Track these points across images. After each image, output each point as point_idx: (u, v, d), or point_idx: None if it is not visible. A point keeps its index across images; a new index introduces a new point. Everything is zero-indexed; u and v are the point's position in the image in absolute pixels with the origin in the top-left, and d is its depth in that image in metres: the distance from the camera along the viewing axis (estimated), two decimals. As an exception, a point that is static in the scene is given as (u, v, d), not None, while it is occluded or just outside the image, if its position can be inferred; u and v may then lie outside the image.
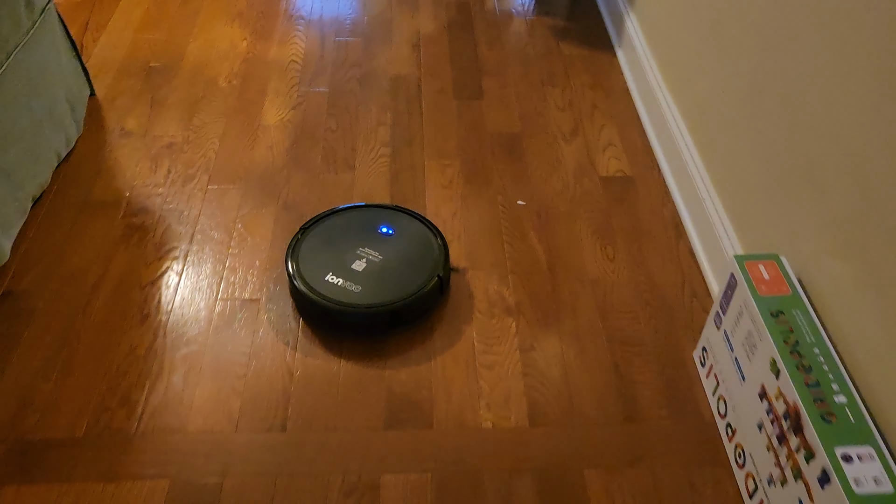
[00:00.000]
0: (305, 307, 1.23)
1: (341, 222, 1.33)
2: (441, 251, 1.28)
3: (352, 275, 1.22)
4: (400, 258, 1.26)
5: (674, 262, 1.37)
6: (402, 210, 1.37)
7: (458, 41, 1.94)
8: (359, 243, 1.28)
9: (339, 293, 1.19)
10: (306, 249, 1.27)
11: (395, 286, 1.21)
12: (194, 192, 1.49)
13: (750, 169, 1.18)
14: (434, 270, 1.24)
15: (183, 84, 1.77)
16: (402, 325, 1.23)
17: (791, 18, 1.04)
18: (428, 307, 1.25)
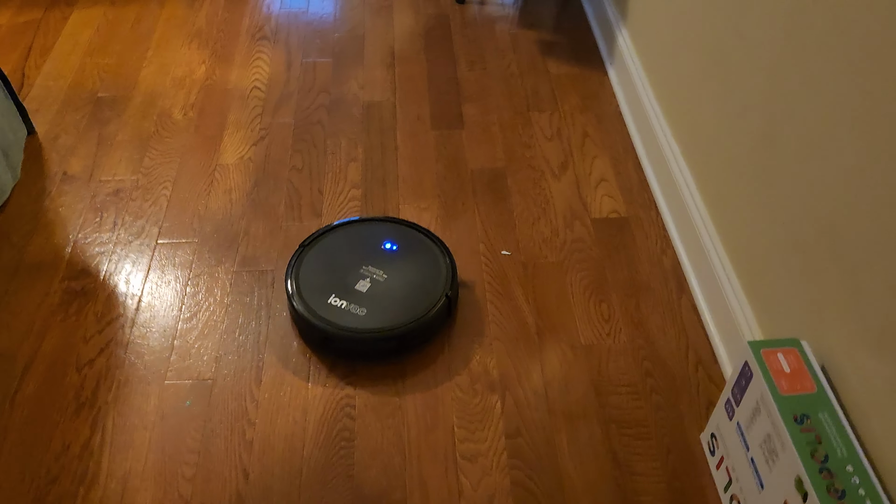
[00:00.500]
0: (307, 332, 1.16)
1: (342, 238, 1.25)
2: (448, 268, 1.21)
3: (356, 297, 1.15)
4: (406, 277, 1.19)
5: (676, 321, 1.23)
6: (404, 223, 1.29)
7: (436, 61, 1.78)
8: (362, 262, 1.20)
9: (344, 317, 1.13)
10: (307, 269, 1.20)
11: (401, 308, 1.14)
12: (143, 248, 1.34)
13: (763, 227, 1.04)
14: (442, 290, 1.17)
15: (133, 118, 1.61)
16: (410, 350, 1.17)
17: (804, 55, 0.90)
18: (436, 329, 1.18)
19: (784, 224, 0.98)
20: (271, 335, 1.20)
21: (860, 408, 0.83)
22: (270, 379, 1.15)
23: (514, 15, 1.94)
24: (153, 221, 1.39)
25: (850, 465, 0.79)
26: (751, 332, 1.07)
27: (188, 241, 1.35)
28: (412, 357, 1.17)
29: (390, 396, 1.13)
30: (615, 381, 1.15)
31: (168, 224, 1.38)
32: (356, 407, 1.11)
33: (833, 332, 0.88)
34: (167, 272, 1.30)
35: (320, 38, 1.86)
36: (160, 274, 1.29)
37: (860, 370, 0.83)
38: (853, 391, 0.84)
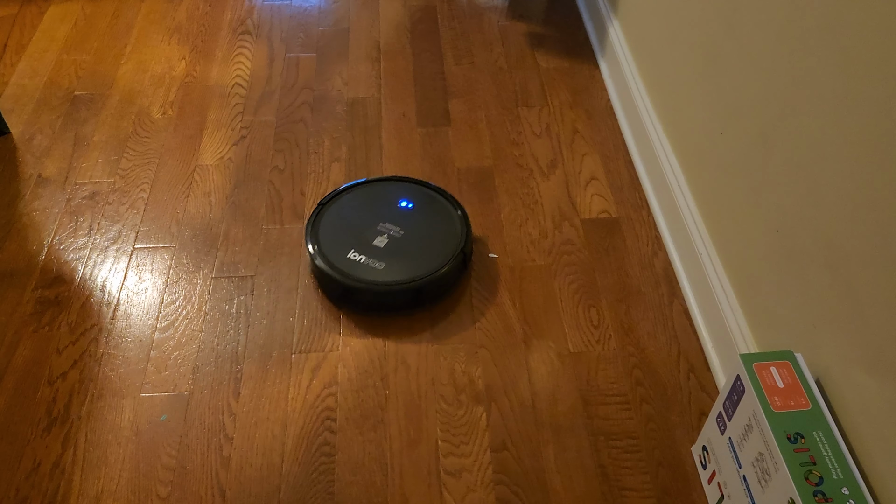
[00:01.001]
0: (328, 286, 1.20)
1: (360, 197, 1.29)
2: (462, 224, 1.25)
3: (374, 251, 1.19)
4: (422, 233, 1.23)
5: (667, 327, 1.20)
6: (419, 183, 1.32)
7: (422, 55, 1.74)
8: (379, 219, 1.25)
9: (363, 271, 1.17)
10: (326, 226, 1.24)
11: (418, 262, 1.18)
12: (119, 254, 1.30)
13: (756, 232, 1.00)
14: (457, 245, 1.21)
15: (111, 117, 1.56)
16: (427, 303, 1.20)
17: (799, 55, 0.86)
18: (452, 283, 1.23)
19: (779, 230, 0.94)
20: (250, 345, 1.17)
21: (857, 427, 0.80)
22: (249, 391, 1.11)
23: (503, 6, 1.89)
24: (130, 226, 1.34)
25: (846, 488, 0.76)
26: (744, 340, 1.04)
27: (166, 246, 1.31)
28: (397, 368, 1.14)
29: (373, 408, 1.09)
30: (604, 391, 1.12)
31: (145, 228, 1.34)
32: (337, 420, 1.08)
33: (828, 345, 0.85)
34: (144, 279, 1.26)
35: (304, 31, 1.81)
36: (137, 281, 1.26)
37: (857, 387, 0.79)
38: (850, 409, 0.81)
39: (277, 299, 1.23)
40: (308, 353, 1.16)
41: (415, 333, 1.19)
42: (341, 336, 1.18)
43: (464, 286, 1.25)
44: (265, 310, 1.22)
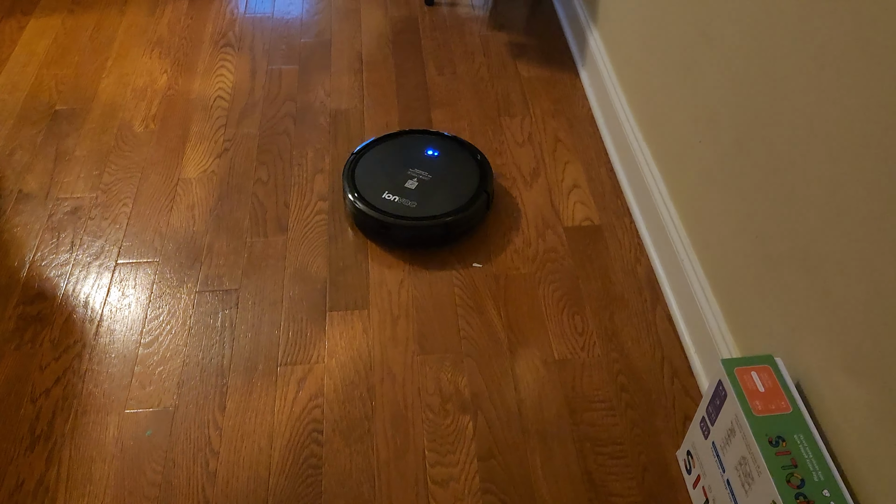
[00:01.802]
0: (366, 223, 1.31)
1: (390, 147, 1.42)
2: (485, 169, 1.37)
3: (406, 192, 1.31)
4: (448, 177, 1.35)
5: (651, 332, 1.21)
6: (442, 135, 1.45)
7: (404, 65, 1.74)
8: (409, 165, 1.37)
9: (397, 208, 1.29)
10: (361, 171, 1.36)
11: (446, 201, 1.31)
12: (102, 269, 1.29)
13: (736, 238, 1.02)
14: (481, 186, 1.34)
15: (93, 131, 1.56)
16: (455, 237, 1.32)
17: (773, 64, 0.87)
18: (477, 220, 1.34)
19: (757, 236, 0.96)
20: (236, 358, 1.17)
21: (837, 429, 0.81)
22: (235, 405, 1.11)
23: (485, 16, 1.91)
24: (113, 241, 1.34)
25: (827, 490, 0.77)
26: (726, 345, 1.05)
27: (149, 260, 1.31)
28: (382, 382, 1.14)
29: (360, 419, 1.09)
30: (590, 397, 1.12)
31: (128, 243, 1.34)
32: (324, 432, 1.08)
33: (807, 349, 0.86)
34: (127, 294, 1.25)
35: (286, 43, 1.81)
36: (120, 296, 1.25)
37: (836, 390, 0.81)
38: (829, 412, 0.82)
39: (262, 312, 1.23)
40: (294, 365, 1.16)
41: (400, 343, 1.19)
42: (327, 347, 1.18)
43: (448, 293, 1.26)
44: (250, 323, 1.22)
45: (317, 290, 1.27)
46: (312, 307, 1.24)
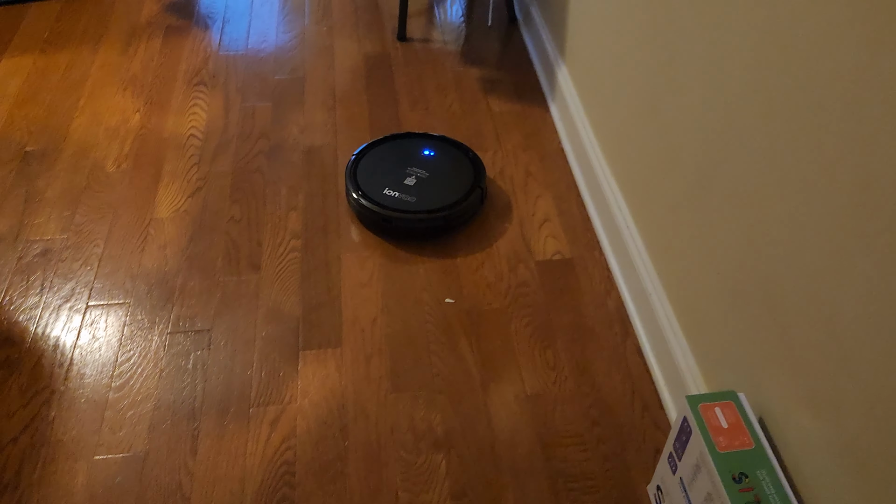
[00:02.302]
0: (369, 217, 1.40)
1: (388, 149, 1.52)
2: (478, 167, 1.48)
3: (406, 188, 1.41)
4: (444, 174, 1.46)
5: (621, 366, 1.22)
6: (436, 137, 1.56)
7: (377, 101, 1.77)
8: (407, 164, 1.47)
9: (398, 203, 1.38)
10: (362, 171, 1.46)
11: (443, 196, 1.41)
12: (72, 312, 1.29)
13: (700, 274, 1.04)
14: (475, 182, 1.45)
15: (64, 171, 1.56)
16: (452, 229, 1.42)
17: (731, 106, 0.90)
18: (472, 213, 1.45)
19: (721, 272, 0.98)
20: (208, 401, 1.16)
21: (798, 465, 0.82)
22: (206, 449, 1.10)
23: (457, 52, 1.94)
24: (83, 283, 1.33)
25: (790, 526, 0.78)
26: (693, 379, 1.07)
27: (121, 302, 1.31)
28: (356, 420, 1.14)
29: (332, 460, 1.09)
30: (562, 432, 1.13)
31: (99, 285, 1.33)
32: (296, 474, 1.08)
33: (769, 385, 0.87)
34: (98, 337, 1.25)
35: (260, 81, 1.83)
36: (90, 339, 1.24)
37: (797, 426, 0.82)
38: (791, 447, 0.84)
39: (235, 352, 1.23)
40: (266, 406, 1.16)
41: (373, 382, 1.19)
42: (300, 387, 1.18)
43: (421, 330, 1.26)
44: (222, 364, 1.21)
45: (290, 328, 1.27)
46: (285, 346, 1.24)
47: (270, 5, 2.12)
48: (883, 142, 0.65)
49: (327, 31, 2.00)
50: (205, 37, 1.98)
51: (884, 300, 0.66)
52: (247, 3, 2.13)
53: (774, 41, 0.80)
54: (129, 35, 1.97)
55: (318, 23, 2.04)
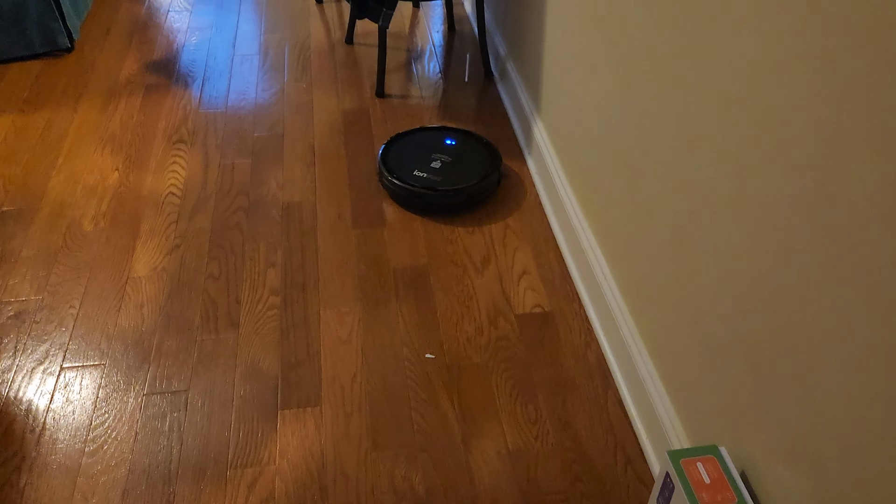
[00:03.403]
0: (400, 194, 1.61)
1: (416, 138, 1.74)
2: (495, 155, 1.68)
3: (432, 170, 1.62)
4: (465, 160, 1.67)
5: (603, 419, 1.22)
6: (457, 130, 1.77)
7: (356, 156, 1.78)
8: (432, 151, 1.69)
9: (426, 182, 1.59)
10: (393, 156, 1.67)
11: (465, 176, 1.62)
12: (46, 376, 1.26)
13: (679, 326, 1.04)
14: (492, 166, 1.65)
15: (40, 231, 1.55)
16: (472, 206, 1.63)
17: (701, 164, 0.92)
18: (490, 192, 1.65)
19: (698, 324, 0.99)
20: (184, 464, 1.14)
21: (780, 519, 0.82)
22: (182, 514, 1.08)
23: (434, 107, 1.97)
24: (58, 345, 1.31)
25: (775, 583, 0.77)
26: (675, 432, 1.06)
27: (96, 363, 1.29)
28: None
29: (311, 524, 1.07)
30: (545, 489, 1.12)
31: (74, 346, 1.31)
32: (274, 540, 1.05)
33: (750, 438, 0.87)
34: (72, 400, 1.22)
35: (239, 138, 1.84)
36: (64, 403, 1.22)
37: (778, 479, 0.82)
38: (773, 501, 0.83)
39: (212, 413, 1.21)
40: (244, 468, 1.14)
41: (353, 441, 1.18)
42: (279, 448, 1.16)
43: (402, 386, 1.25)
44: (199, 425, 1.19)
45: (268, 387, 1.26)
46: (264, 406, 1.23)
47: (250, 63, 2.15)
48: (850, 197, 0.66)
49: (306, 88, 2.03)
50: (185, 95, 2.00)
51: (856, 353, 0.67)
52: (227, 61, 2.16)
53: (744, 100, 0.83)
54: (109, 94, 1.99)
55: (298, 80, 2.07)
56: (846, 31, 0.64)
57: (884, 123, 0.61)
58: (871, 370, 0.66)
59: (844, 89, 0.65)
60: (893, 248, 0.62)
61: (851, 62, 0.64)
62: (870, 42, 0.62)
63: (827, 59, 0.67)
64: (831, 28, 0.66)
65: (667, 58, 1.00)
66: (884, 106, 0.61)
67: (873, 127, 0.62)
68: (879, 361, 0.64)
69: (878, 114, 0.62)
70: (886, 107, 0.61)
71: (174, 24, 2.36)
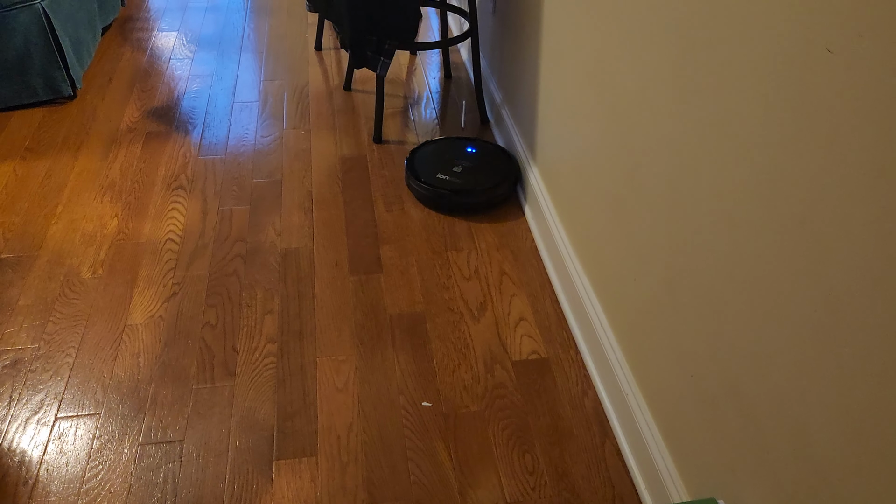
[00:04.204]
0: (425, 195, 1.75)
1: (439, 146, 1.88)
2: (513, 163, 1.82)
3: (454, 174, 1.77)
4: (483, 166, 1.81)
5: (601, 469, 1.21)
6: (477, 140, 1.91)
7: (354, 203, 1.80)
8: (455, 157, 1.83)
9: (448, 184, 1.74)
10: (419, 161, 1.82)
11: (484, 180, 1.76)
12: (40, 426, 1.25)
13: (673, 376, 1.05)
14: (509, 173, 1.79)
15: (38, 280, 1.55)
16: (491, 206, 1.77)
17: (693, 214, 0.93)
18: (506, 197, 1.79)
19: (693, 376, 0.99)
20: (177, 517, 1.12)
21: (780, 576, 0.81)
22: (175, 570, 1.06)
23: (431, 153, 1.99)
24: (53, 394, 1.31)
25: None
26: (673, 483, 1.06)
27: (91, 413, 1.28)
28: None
29: (306, 580, 1.05)
30: (543, 543, 1.10)
31: (69, 396, 1.31)
32: None
33: (747, 491, 0.87)
34: (66, 451, 1.21)
35: (238, 184, 1.86)
36: (58, 454, 1.21)
37: (776, 535, 0.81)
38: (772, 557, 0.82)
39: (207, 464, 1.20)
40: (238, 521, 1.12)
41: (349, 493, 1.16)
42: (274, 500, 1.15)
43: (398, 436, 1.25)
44: (194, 477, 1.18)
45: (264, 437, 1.25)
46: (259, 457, 1.22)
47: (250, 110, 2.18)
48: (844, 252, 0.67)
49: (305, 135, 2.06)
50: (185, 142, 2.02)
51: (852, 409, 0.67)
52: (227, 108, 2.19)
53: (735, 153, 0.84)
54: (109, 141, 2.01)
55: (297, 126, 2.10)
56: (840, 88, 0.66)
57: (874, 180, 0.62)
58: (867, 427, 0.66)
59: (837, 144, 0.67)
60: (887, 305, 0.62)
61: (845, 119, 0.66)
62: (862, 102, 0.63)
63: (820, 115, 0.69)
64: (824, 84, 0.68)
65: (658, 109, 1.02)
66: (875, 162, 0.62)
67: (865, 182, 0.64)
68: (876, 420, 0.65)
69: (870, 169, 0.63)
70: (878, 163, 0.62)
71: (175, 71, 2.40)
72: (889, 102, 0.59)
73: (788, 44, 0.71)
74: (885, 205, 0.61)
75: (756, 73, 0.77)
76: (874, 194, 0.62)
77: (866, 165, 0.63)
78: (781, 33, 0.72)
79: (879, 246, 0.62)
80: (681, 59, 0.94)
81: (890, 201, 0.61)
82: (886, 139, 0.60)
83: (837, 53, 0.65)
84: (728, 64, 0.83)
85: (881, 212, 0.61)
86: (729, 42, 0.82)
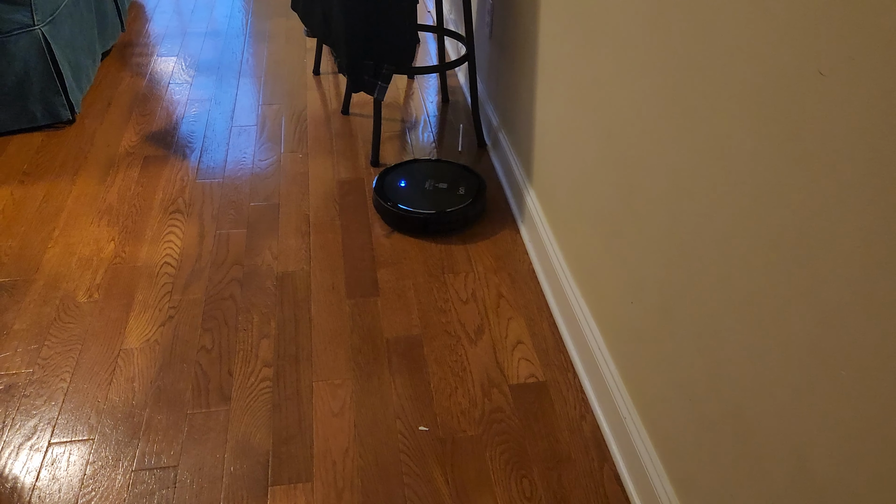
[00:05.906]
0: (390, 217, 1.76)
1: (412, 167, 1.91)
2: (480, 182, 1.85)
3: (426, 194, 1.78)
4: (453, 186, 1.82)
5: (599, 494, 1.19)
6: (448, 162, 1.93)
7: (350, 226, 1.80)
8: (426, 177, 1.86)
9: (420, 206, 1.74)
10: (389, 183, 1.83)
11: (455, 200, 1.77)
12: (33, 452, 1.24)
13: (672, 400, 1.04)
14: (477, 191, 1.81)
15: (33, 303, 1.54)
16: (464, 226, 1.78)
17: (691, 241, 0.93)
18: (478, 213, 1.80)
19: (692, 400, 0.98)
20: (170, 545, 1.11)
21: None
22: None
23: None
24: (47, 420, 1.30)
25: None
26: (672, 509, 1.04)
27: (85, 439, 1.27)
28: None
29: None
30: (541, 570, 1.09)
31: (63, 420, 1.30)
32: None
33: (746, 516, 0.86)
34: (58, 478, 1.20)
35: (235, 208, 1.86)
36: (50, 480, 1.20)
37: (776, 561, 0.80)
38: (773, 584, 0.81)
39: (201, 490, 1.19)
40: (232, 549, 1.11)
41: (345, 520, 1.15)
42: (268, 528, 1.14)
43: (394, 461, 1.23)
44: (187, 502, 1.17)
45: (259, 463, 1.24)
46: (254, 483, 1.20)
47: (248, 134, 2.19)
48: (840, 276, 0.67)
49: (302, 158, 2.07)
50: (183, 165, 2.03)
51: (851, 435, 0.67)
52: (225, 132, 2.20)
53: (731, 177, 0.84)
54: (107, 165, 2.02)
55: (294, 150, 2.11)
56: (832, 111, 0.67)
57: (868, 202, 0.62)
58: (865, 452, 0.65)
59: (831, 166, 0.67)
60: (883, 327, 0.62)
61: (838, 141, 0.66)
62: (855, 124, 0.64)
63: (813, 137, 0.69)
64: (816, 106, 0.68)
65: (653, 133, 1.02)
66: (869, 184, 0.62)
67: (859, 205, 0.64)
68: (874, 444, 0.64)
69: (864, 191, 0.63)
70: (871, 185, 0.62)
71: (174, 96, 2.41)
72: (881, 124, 0.60)
73: (781, 66, 0.72)
74: (878, 227, 0.61)
75: (750, 96, 0.78)
76: (868, 216, 0.62)
77: (860, 187, 0.63)
78: (774, 56, 0.73)
79: (874, 268, 0.62)
80: (675, 82, 0.94)
81: (883, 223, 0.61)
82: (879, 161, 0.60)
83: (829, 76, 0.65)
84: (722, 87, 0.83)
85: (875, 234, 0.62)
86: (722, 65, 0.83)
